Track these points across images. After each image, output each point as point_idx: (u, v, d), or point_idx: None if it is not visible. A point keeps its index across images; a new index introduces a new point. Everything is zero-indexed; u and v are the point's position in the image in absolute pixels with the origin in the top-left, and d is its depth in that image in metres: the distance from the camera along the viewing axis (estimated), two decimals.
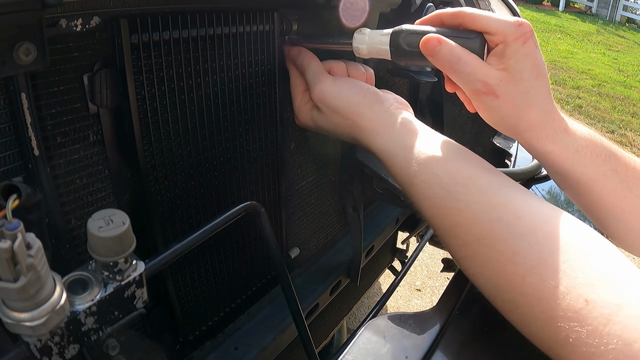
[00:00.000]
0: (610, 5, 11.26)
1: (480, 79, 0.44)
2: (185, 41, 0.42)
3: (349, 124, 0.51)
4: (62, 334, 0.27)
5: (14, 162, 0.34)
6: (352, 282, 0.79)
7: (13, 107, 0.33)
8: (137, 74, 0.39)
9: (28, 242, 0.23)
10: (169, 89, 0.42)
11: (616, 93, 5.43)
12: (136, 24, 0.38)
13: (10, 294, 0.23)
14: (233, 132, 0.51)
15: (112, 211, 0.29)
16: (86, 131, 0.39)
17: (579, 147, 0.47)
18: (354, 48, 0.51)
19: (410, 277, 2.10)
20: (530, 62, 0.43)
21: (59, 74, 0.35)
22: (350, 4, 0.50)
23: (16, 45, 0.29)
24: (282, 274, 0.50)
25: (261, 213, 0.48)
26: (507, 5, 1.24)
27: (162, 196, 0.45)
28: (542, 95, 0.45)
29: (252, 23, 0.48)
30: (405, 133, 0.48)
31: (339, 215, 0.80)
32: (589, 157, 0.47)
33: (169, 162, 0.45)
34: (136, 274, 0.30)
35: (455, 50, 0.44)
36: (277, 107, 0.55)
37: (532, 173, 0.83)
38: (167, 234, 0.47)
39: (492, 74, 0.43)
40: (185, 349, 0.55)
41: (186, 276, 0.51)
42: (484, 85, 0.44)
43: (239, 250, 0.58)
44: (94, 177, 0.40)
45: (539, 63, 0.44)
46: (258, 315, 0.63)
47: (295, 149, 0.64)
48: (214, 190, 0.51)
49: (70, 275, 0.29)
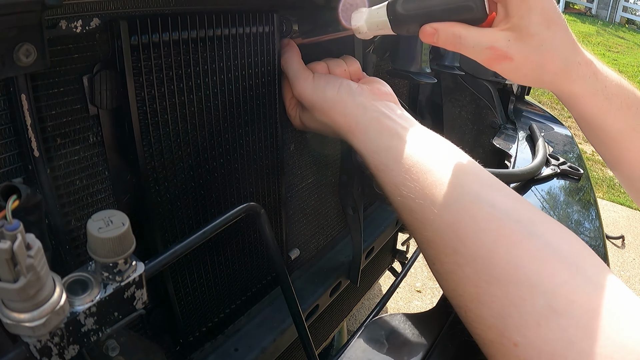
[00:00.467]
0: (610, 6, 11.27)
1: (488, 46, 0.42)
2: (185, 42, 0.42)
3: (329, 121, 0.51)
4: (61, 335, 0.27)
5: (14, 163, 0.34)
6: (352, 283, 0.79)
7: (13, 109, 0.33)
8: (136, 75, 0.39)
9: (28, 243, 0.23)
10: (169, 90, 0.42)
11: None
12: (136, 26, 0.38)
13: (10, 295, 0.23)
14: (233, 134, 0.51)
15: (111, 212, 0.29)
16: (86, 132, 0.39)
17: (609, 95, 0.44)
18: (354, 29, 0.50)
19: (411, 279, 2.10)
20: (537, 13, 0.41)
21: (59, 75, 0.35)
22: (350, 5, 0.50)
23: (16, 47, 0.29)
24: (282, 275, 0.50)
25: (261, 214, 0.48)
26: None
27: (161, 197, 0.45)
28: (560, 43, 0.42)
29: (251, 24, 0.48)
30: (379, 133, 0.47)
31: (339, 216, 0.80)
32: (619, 108, 0.44)
33: (168, 163, 0.45)
34: (136, 275, 0.30)
35: (453, 29, 0.43)
36: (278, 108, 0.56)
37: (532, 174, 0.83)
38: (167, 235, 0.47)
39: (499, 37, 0.42)
40: (185, 350, 0.55)
41: (186, 277, 0.51)
42: (493, 51, 0.42)
43: (239, 252, 0.58)
44: (94, 179, 0.40)
45: (548, 11, 0.42)
46: (258, 317, 0.63)
47: (295, 151, 0.64)
48: (214, 191, 0.51)
49: (70, 276, 0.29)
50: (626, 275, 2.45)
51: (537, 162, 0.85)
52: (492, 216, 0.37)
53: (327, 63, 0.55)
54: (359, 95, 0.50)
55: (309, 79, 0.52)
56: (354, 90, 0.50)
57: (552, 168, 0.87)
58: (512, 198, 0.40)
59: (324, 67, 0.55)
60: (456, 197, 0.39)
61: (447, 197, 0.40)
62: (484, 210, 0.38)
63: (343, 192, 0.68)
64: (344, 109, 0.49)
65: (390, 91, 0.54)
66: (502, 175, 0.76)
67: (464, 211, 0.38)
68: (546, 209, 0.77)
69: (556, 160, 0.91)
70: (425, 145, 0.44)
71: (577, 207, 0.82)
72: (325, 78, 0.52)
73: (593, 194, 0.88)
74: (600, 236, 0.76)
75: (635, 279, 2.43)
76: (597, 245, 0.74)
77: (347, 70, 0.56)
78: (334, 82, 0.51)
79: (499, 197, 0.39)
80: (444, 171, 0.41)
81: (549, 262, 0.34)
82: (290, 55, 0.53)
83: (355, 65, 0.56)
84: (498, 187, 0.41)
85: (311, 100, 0.51)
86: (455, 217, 0.38)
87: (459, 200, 0.39)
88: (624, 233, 2.76)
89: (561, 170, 0.88)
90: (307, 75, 0.52)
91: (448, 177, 0.41)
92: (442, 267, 0.39)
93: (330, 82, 0.51)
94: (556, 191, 0.84)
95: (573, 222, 0.78)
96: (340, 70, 0.55)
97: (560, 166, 0.88)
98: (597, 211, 0.83)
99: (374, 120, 0.47)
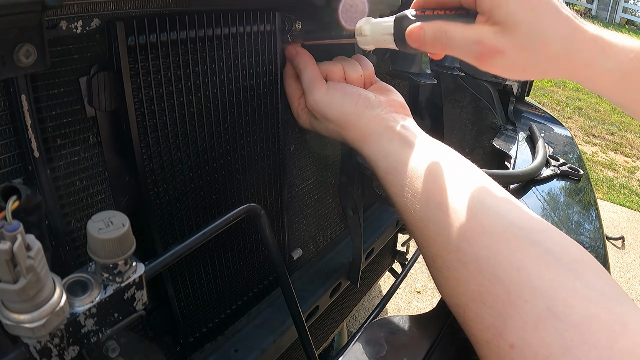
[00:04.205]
0: (610, 7, 11.28)
1: (475, 40, 0.40)
2: (183, 42, 0.42)
3: (341, 131, 0.51)
4: (61, 336, 0.27)
5: (14, 164, 0.34)
6: (352, 284, 0.79)
7: (13, 109, 0.33)
8: (134, 76, 0.39)
9: (28, 244, 0.23)
10: (167, 91, 0.42)
11: None
12: (133, 26, 0.38)
13: (9, 296, 0.23)
14: (234, 134, 0.51)
15: (112, 213, 0.29)
16: (86, 133, 0.39)
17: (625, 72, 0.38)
18: (358, 40, 0.50)
19: (411, 280, 2.10)
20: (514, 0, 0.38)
21: (59, 75, 0.35)
22: (350, 5, 0.50)
23: (17, 47, 0.29)
24: (282, 276, 0.50)
25: (261, 215, 0.48)
26: None
27: (161, 199, 0.45)
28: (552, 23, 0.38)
29: (252, 23, 0.48)
30: (391, 140, 0.47)
31: (339, 217, 0.80)
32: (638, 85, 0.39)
33: (168, 165, 0.45)
34: (136, 276, 0.30)
35: (439, 25, 0.42)
36: (279, 108, 0.55)
37: (532, 175, 0.82)
38: (167, 236, 0.47)
39: (484, 31, 0.40)
40: (185, 351, 0.54)
41: (186, 278, 0.51)
42: (482, 46, 0.40)
43: (239, 253, 0.58)
44: (93, 179, 0.40)
45: None
46: (258, 318, 0.63)
47: (295, 151, 0.64)
48: (214, 192, 0.51)
49: (70, 277, 0.29)
50: (626, 276, 2.45)
51: (537, 163, 0.85)
52: (495, 221, 0.38)
53: (342, 65, 0.54)
54: (377, 108, 0.50)
55: (322, 89, 0.51)
56: (372, 104, 0.50)
57: (552, 169, 0.87)
58: (514, 206, 0.40)
59: (340, 71, 0.54)
60: (461, 201, 0.40)
61: (452, 201, 0.40)
62: (488, 214, 0.38)
63: (343, 193, 0.68)
64: (359, 121, 0.50)
65: (404, 103, 0.54)
66: (502, 176, 0.76)
67: (468, 213, 0.39)
68: (546, 210, 0.77)
69: (556, 161, 0.91)
70: (433, 152, 0.45)
71: (577, 208, 0.82)
72: (342, 90, 0.51)
73: (593, 195, 0.88)
74: (600, 237, 0.76)
75: (635, 279, 2.43)
76: (597, 246, 0.74)
77: (363, 75, 0.55)
78: (352, 95, 0.51)
79: (502, 204, 0.40)
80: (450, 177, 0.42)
81: (550, 267, 0.34)
82: (304, 64, 0.53)
83: (369, 69, 0.56)
84: (501, 195, 0.41)
85: (325, 112, 0.51)
86: (460, 217, 0.39)
87: (464, 203, 0.40)
88: (624, 234, 2.76)
89: (561, 171, 0.87)
90: (321, 86, 0.52)
91: (454, 183, 0.42)
92: (444, 263, 0.40)
93: (347, 96, 0.51)
94: (556, 192, 0.84)
95: (573, 223, 0.78)
96: (357, 75, 0.54)
97: (560, 167, 0.88)
98: (597, 212, 0.83)
99: (389, 129, 0.48)
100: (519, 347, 0.32)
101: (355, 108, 0.50)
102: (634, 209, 3.20)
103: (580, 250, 0.37)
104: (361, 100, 0.50)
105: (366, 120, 0.49)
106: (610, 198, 3.31)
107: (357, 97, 0.51)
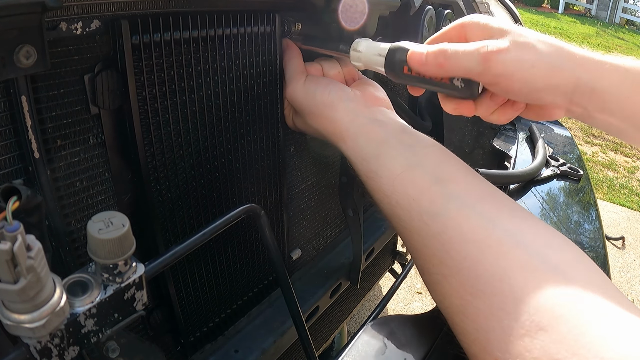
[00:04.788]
0: (610, 7, 11.29)
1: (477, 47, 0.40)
2: (187, 42, 0.42)
3: (318, 126, 0.50)
4: (61, 336, 0.27)
5: (14, 164, 0.34)
6: (352, 284, 0.79)
7: (13, 110, 0.33)
8: (138, 74, 0.39)
9: (28, 244, 0.23)
10: (170, 89, 0.42)
11: None
12: (137, 25, 0.38)
13: (10, 296, 0.23)
14: (234, 134, 0.51)
15: (112, 213, 0.29)
16: (86, 134, 0.39)
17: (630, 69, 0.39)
18: (351, 55, 0.50)
19: (411, 280, 2.10)
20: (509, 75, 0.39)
21: (59, 76, 0.35)
22: (350, 6, 0.50)
23: (17, 48, 0.29)
24: (282, 277, 0.50)
25: (261, 215, 0.48)
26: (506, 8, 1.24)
27: (162, 197, 0.45)
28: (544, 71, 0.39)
29: (253, 24, 0.48)
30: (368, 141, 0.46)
31: (339, 218, 0.80)
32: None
33: (169, 162, 0.45)
34: (136, 276, 0.30)
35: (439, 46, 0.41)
36: (279, 108, 0.56)
37: (532, 175, 0.83)
38: (167, 235, 0.47)
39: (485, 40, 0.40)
40: (186, 351, 0.54)
41: (186, 278, 0.51)
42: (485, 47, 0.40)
43: (240, 253, 0.58)
44: (94, 180, 0.41)
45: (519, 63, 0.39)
46: (258, 318, 0.63)
47: (295, 152, 0.64)
48: (215, 191, 0.51)
49: (70, 278, 0.29)
50: (626, 276, 2.45)
51: (537, 163, 0.85)
52: (478, 226, 0.36)
53: (320, 64, 0.54)
54: (349, 101, 0.48)
55: (300, 81, 0.51)
56: (345, 96, 0.49)
57: (552, 169, 0.88)
58: (502, 204, 0.38)
59: (318, 69, 0.53)
60: (443, 205, 0.38)
61: (434, 206, 0.38)
62: (470, 219, 0.37)
63: (343, 194, 0.68)
64: (333, 115, 0.48)
65: (384, 96, 0.52)
66: (502, 177, 0.76)
67: (450, 220, 0.37)
68: (546, 210, 0.77)
69: (556, 162, 0.91)
70: (414, 151, 0.43)
71: (577, 208, 0.82)
72: (316, 81, 0.51)
73: (593, 195, 0.88)
74: (600, 237, 0.76)
75: (635, 280, 2.43)
76: (596, 246, 0.74)
77: (342, 72, 0.55)
78: (325, 86, 0.50)
79: (487, 204, 0.38)
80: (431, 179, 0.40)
81: (536, 274, 0.32)
82: (290, 56, 0.53)
83: (349, 66, 0.55)
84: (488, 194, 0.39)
85: (300, 103, 0.51)
86: (442, 227, 0.37)
87: (446, 208, 0.38)
88: (624, 234, 2.76)
89: (561, 172, 0.88)
90: (300, 78, 0.51)
91: (436, 185, 0.39)
92: (430, 277, 0.39)
93: (320, 86, 0.50)
94: (556, 192, 0.84)
95: (573, 223, 0.78)
96: (334, 72, 0.54)
97: (560, 167, 0.89)
98: (597, 212, 0.83)
99: (364, 127, 0.46)
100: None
101: (329, 98, 0.49)
102: (634, 209, 3.20)
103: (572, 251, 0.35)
104: (333, 92, 0.49)
105: (341, 114, 0.48)
106: (611, 198, 3.32)
107: (330, 87, 0.49)
